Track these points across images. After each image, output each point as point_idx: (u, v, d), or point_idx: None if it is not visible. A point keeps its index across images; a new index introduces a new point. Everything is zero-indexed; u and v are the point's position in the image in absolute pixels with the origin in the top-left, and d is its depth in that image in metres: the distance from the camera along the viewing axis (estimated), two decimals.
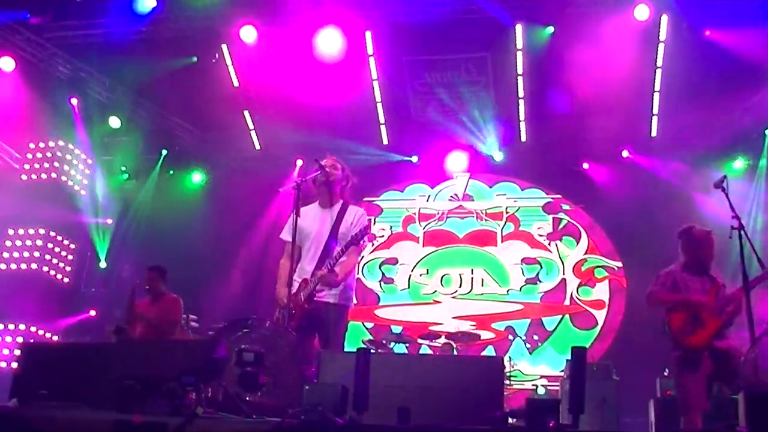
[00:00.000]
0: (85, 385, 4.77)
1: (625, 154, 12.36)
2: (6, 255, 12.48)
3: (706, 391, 5.76)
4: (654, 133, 11.97)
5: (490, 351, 11.90)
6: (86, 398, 4.57)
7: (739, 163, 11.84)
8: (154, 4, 10.80)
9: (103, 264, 13.55)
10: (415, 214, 13.35)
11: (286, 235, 6.16)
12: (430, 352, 10.74)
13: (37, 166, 13.03)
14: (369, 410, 4.18)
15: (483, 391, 4.66)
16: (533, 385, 11.59)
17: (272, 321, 5.69)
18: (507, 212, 13.01)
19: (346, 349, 6.00)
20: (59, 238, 12.88)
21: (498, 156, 12.98)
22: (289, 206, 6.04)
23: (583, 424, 4.03)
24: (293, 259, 5.97)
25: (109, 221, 13.72)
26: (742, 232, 5.75)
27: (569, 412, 3.98)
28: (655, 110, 11.64)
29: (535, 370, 11.89)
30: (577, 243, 12.61)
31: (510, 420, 4.35)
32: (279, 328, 5.50)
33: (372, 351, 9.04)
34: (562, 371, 10.47)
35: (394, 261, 13.16)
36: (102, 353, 5.22)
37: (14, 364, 9.70)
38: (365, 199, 12.73)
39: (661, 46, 10.73)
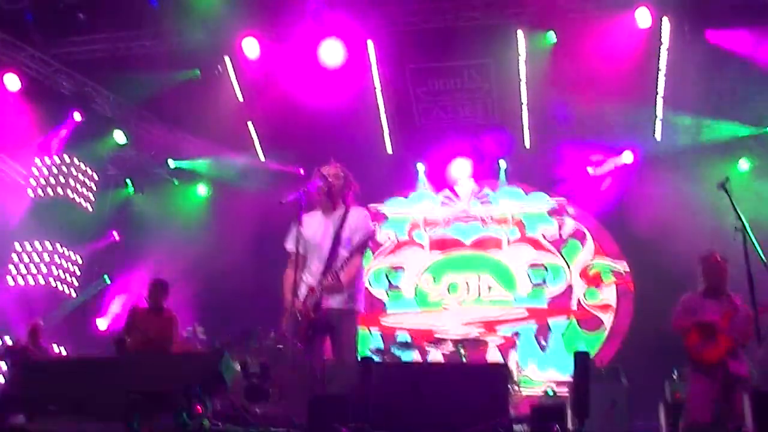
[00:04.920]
0: (92, 400, 4.77)
1: (629, 157, 12.32)
2: (13, 269, 12.53)
3: (710, 404, 6.14)
4: (658, 137, 11.93)
5: (497, 357, 11.86)
6: (93, 412, 4.58)
7: (744, 164, 11.82)
8: None
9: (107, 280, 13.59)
10: (420, 220, 13.34)
11: (289, 244, 6.08)
12: (439, 358, 10.71)
13: (43, 181, 13.09)
14: (373, 418, 4.19)
15: (488, 398, 4.65)
16: (543, 391, 11.53)
17: (277, 331, 5.67)
18: (512, 217, 13.01)
19: (358, 354, 5.92)
20: (66, 252, 12.93)
21: (502, 162, 12.99)
22: (292, 215, 5.99)
23: (593, 428, 4.03)
24: (297, 268, 5.92)
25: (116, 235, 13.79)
26: (745, 233, 5.79)
27: (573, 415, 3.98)
28: (659, 114, 11.62)
29: (543, 376, 11.84)
30: (583, 246, 12.59)
31: (516, 426, 4.36)
32: (283, 339, 5.47)
33: (377, 359, 9.09)
34: (570, 376, 10.43)
35: (400, 268, 13.16)
36: (108, 367, 5.23)
37: None
38: (370, 205, 12.71)
39: (663, 49, 10.71)
